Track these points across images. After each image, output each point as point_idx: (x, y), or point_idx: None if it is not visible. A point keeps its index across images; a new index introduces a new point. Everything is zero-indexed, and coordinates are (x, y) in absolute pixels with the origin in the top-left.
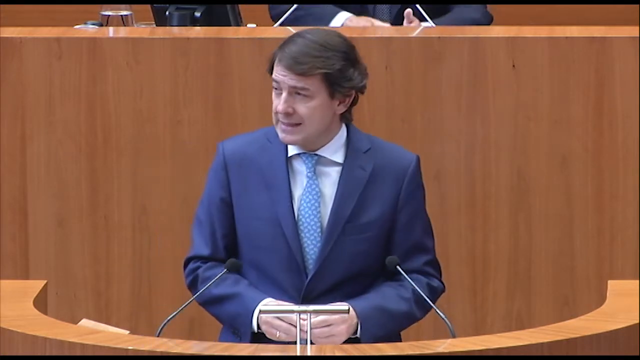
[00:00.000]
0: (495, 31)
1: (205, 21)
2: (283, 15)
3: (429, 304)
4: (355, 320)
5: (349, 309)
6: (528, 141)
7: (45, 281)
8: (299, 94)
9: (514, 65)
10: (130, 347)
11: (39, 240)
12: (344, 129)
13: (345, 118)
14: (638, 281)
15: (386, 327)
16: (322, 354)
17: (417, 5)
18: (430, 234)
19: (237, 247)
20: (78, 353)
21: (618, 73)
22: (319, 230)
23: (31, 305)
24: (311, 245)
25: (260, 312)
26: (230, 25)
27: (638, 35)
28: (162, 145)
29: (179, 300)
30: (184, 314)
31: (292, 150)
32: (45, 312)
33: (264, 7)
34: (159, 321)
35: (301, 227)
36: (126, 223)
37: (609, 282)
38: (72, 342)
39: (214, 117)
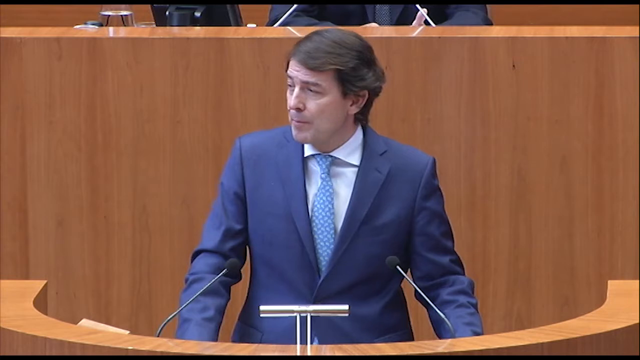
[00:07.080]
0: (495, 31)
1: (205, 21)
2: (281, 18)
3: (429, 302)
4: None
5: (349, 309)
6: (528, 141)
7: (45, 281)
8: (310, 90)
9: (514, 65)
10: (130, 347)
11: (39, 240)
12: (359, 131)
13: (360, 120)
14: (638, 281)
15: None
16: (322, 354)
17: (417, 6)
18: (450, 236)
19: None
20: (78, 353)
21: (618, 73)
22: (332, 230)
23: (31, 305)
24: (324, 245)
25: (261, 311)
26: (230, 25)
27: (638, 35)
28: (162, 145)
29: (178, 300)
30: None
31: (307, 150)
32: (45, 312)
33: (264, 7)
34: (159, 321)
35: (315, 226)
36: (126, 223)
37: (609, 282)
38: (72, 342)
39: (214, 117)
